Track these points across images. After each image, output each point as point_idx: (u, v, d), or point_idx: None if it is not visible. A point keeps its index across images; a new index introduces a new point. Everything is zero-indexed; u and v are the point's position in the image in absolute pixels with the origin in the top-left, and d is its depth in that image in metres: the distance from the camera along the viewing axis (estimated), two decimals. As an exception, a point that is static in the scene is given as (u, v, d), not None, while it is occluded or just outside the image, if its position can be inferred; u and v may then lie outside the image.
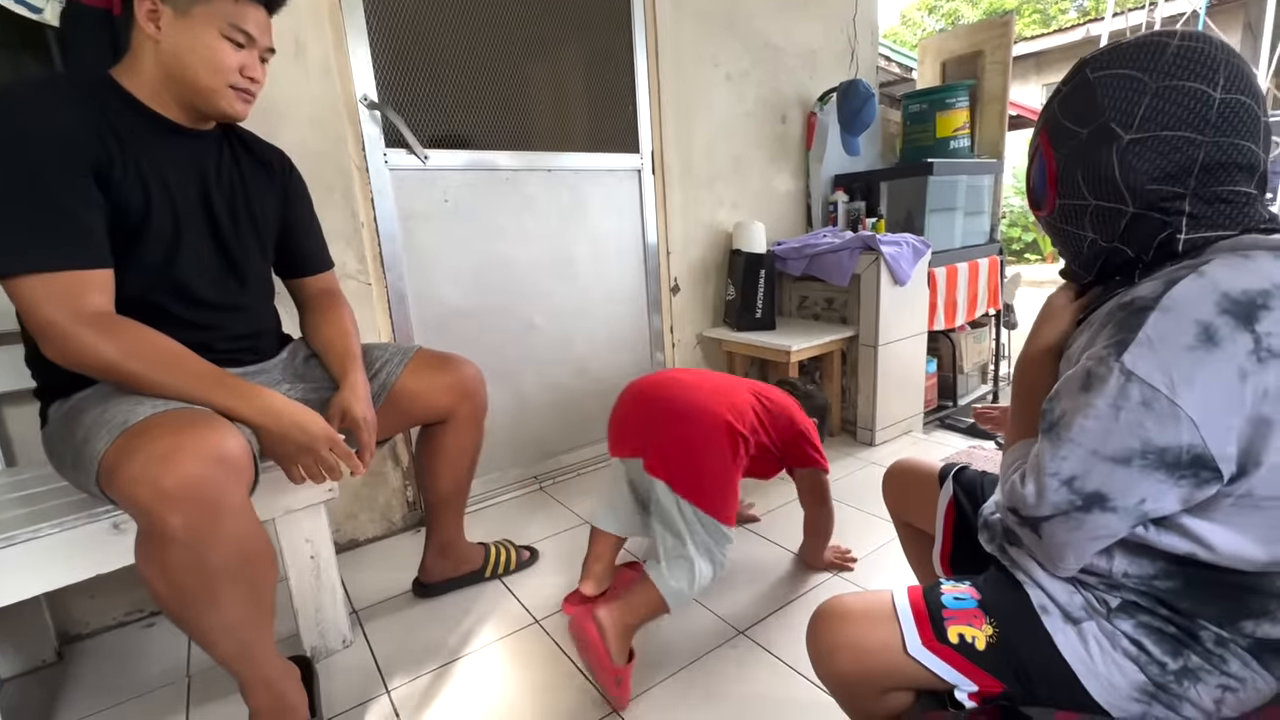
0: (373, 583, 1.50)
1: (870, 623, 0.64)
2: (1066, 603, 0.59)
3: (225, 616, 0.85)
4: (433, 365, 1.27)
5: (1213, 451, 0.48)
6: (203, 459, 0.78)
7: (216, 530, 0.79)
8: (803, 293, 2.38)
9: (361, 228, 1.56)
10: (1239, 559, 0.52)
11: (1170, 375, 0.48)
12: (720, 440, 1.16)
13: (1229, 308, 0.48)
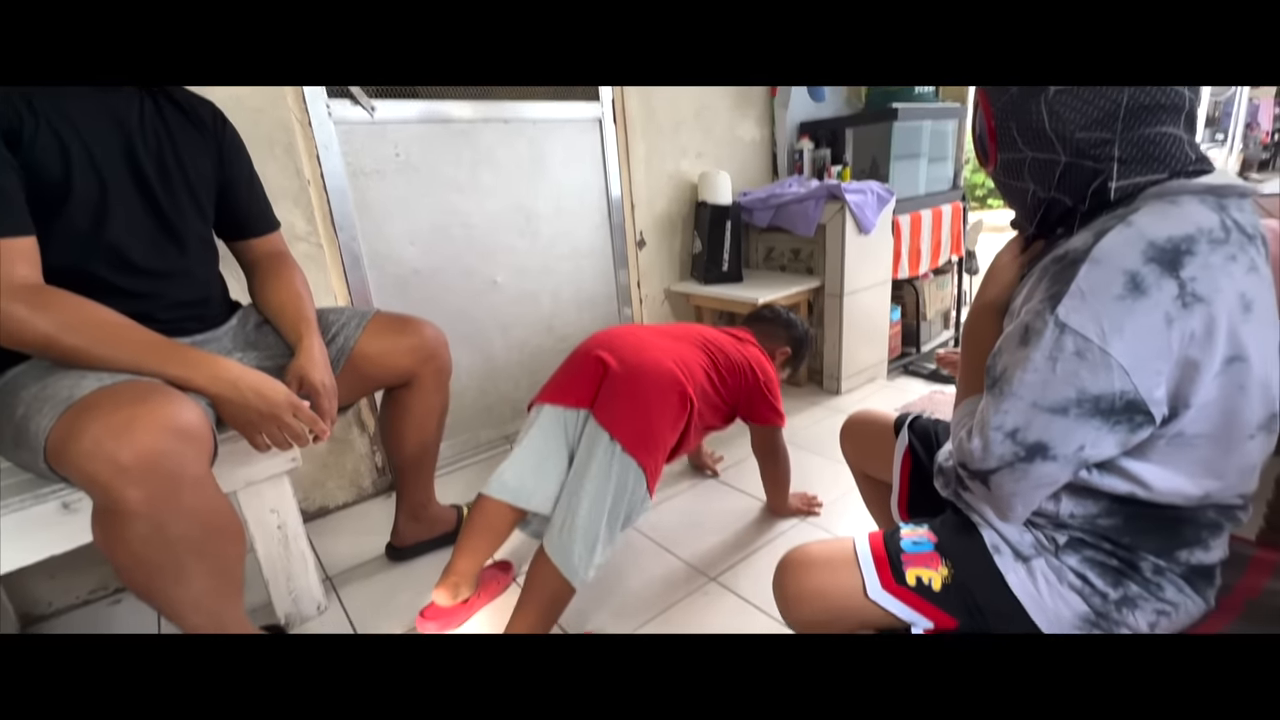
0: (345, 549, 1.49)
1: (833, 569, 0.67)
2: (1017, 542, 0.62)
3: (193, 589, 0.84)
4: (392, 328, 1.24)
5: (1144, 396, 0.50)
6: (159, 431, 0.75)
7: (177, 503, 0.77)
8: (769, 244, 2.37)
9: (308, 186, 1.48)
10: (1175, 495, 0.55)
11: (1101, 325, 0.50)
12: (671, 400, 1.13)
13: (1154, 256, 0.50)
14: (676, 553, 1.38)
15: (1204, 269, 0.49)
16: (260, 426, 0.94)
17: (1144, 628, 0.58)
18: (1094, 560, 0.59)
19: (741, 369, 1.30)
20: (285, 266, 1.16)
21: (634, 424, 1.08)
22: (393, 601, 1.29)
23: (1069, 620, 0.59)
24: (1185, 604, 0.58)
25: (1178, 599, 0.58)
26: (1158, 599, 0.58)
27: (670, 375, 1.14)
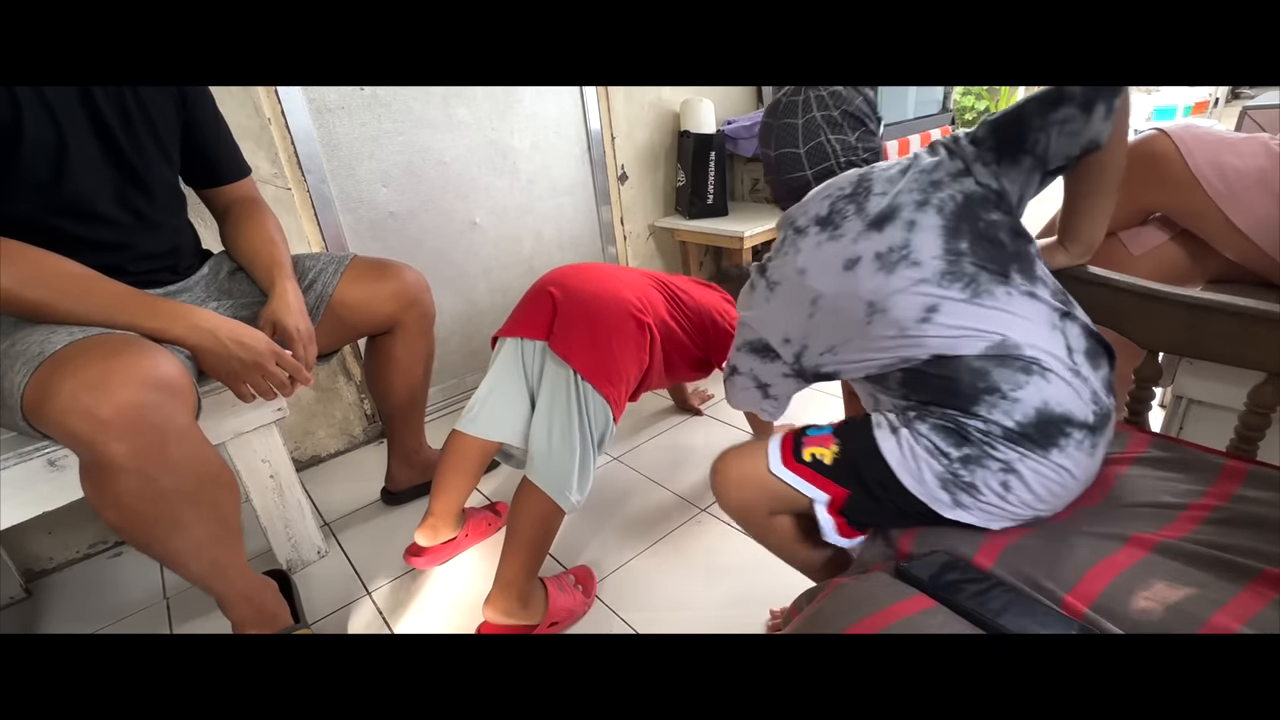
0: (341, 495, 1.51)
1: (749, 457, 0.76)
2: (892, 418, 0.69)
3: (191, 538, 0.85)
4: (371, 273, 1.20)
5: (767, 340, 0.78)
6: (137, 385, 0.74)
7: (165, 455, 0.77)
8: (755, 174, 2.31)
9: (269, 124, 1.40)
10: (877, 367, 0.70)
11: (743, 304, 0.82)
12: (627, 327, 1.10)
13: (757, 265, 0.80)
14: (668, 486, 1.41)
15: (775, 266, 0.76)
16: (244, 376, 0.93)
17: (997, 487, 0.62)
18: (937, 425, 0.65)
19: (705, 311, 1.26)
20: (258, 211, 1.12)
21: (592, 353, 1.07)
22: (391, 543, 1.32)
23: (931, 481, 0.64)
24: (1024, 460, 0.61)
25: (1010, 455, 0.62)
26: (992, 457, 0.62)
27: (624, 303, 1.11)
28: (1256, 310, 0.61)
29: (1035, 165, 0.66)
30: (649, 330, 1.13)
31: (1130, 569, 0.54)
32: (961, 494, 0.63)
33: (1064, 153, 0.65)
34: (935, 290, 0.65)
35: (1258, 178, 0.81)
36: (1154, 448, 0.68)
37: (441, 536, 1.20)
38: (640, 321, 1.11)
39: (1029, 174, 0.67)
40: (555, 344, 1.08)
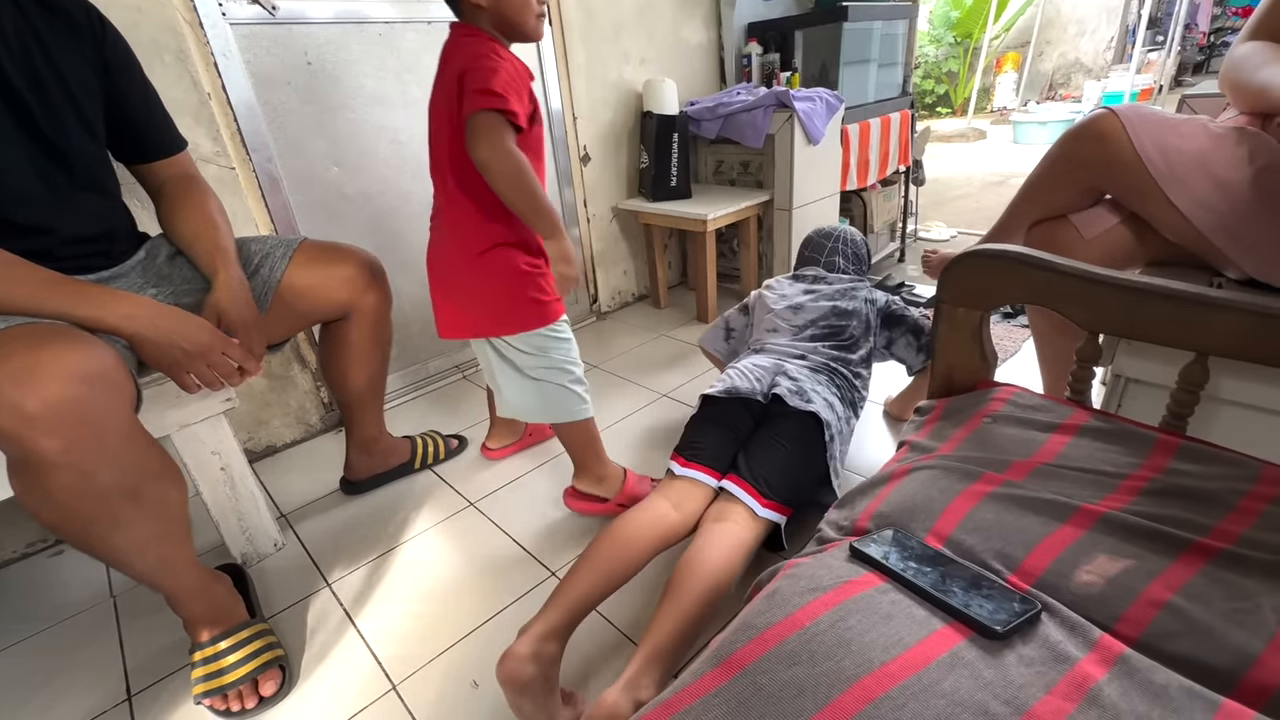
0: (298, 486, 1.47)
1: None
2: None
3: (134, 535, 0.82)
4: (323, 257, 1.16)
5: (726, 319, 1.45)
6: (67, 377, 0.70)
7: (101, 450, 0.73)
8: (719, 157, 2.31)
9: (209, 99, 1.33)
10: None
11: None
12: (477, 267, 1.06)
13: None
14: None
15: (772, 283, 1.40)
16: (186, 366, 0.89)
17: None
18: None
19: (449, 77, 1.00)
20: (196, 190, 1.06)
21: (476, 316, 1.10)
22: (351, 534, 1.29)
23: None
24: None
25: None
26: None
27: (462, 250, 1.06)
28: (1188, 294, 0.64)
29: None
30: (492, 253, 1.06)
31: (1075, 544, 0.56)
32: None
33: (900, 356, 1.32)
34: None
35: (1197, 158, 0.84)
36: (1095, 420, 0.71)
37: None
38: (479, 253, 1.05)
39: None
40: (456, 333, 1.14)
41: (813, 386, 1.13)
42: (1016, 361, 1.74)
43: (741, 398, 1.11)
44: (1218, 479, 0.61)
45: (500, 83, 0.93)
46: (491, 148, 0.94)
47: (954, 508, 0.63)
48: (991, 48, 7.55)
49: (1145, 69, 6.54)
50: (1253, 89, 0.85)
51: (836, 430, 1.11)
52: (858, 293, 1.32)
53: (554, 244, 1.03)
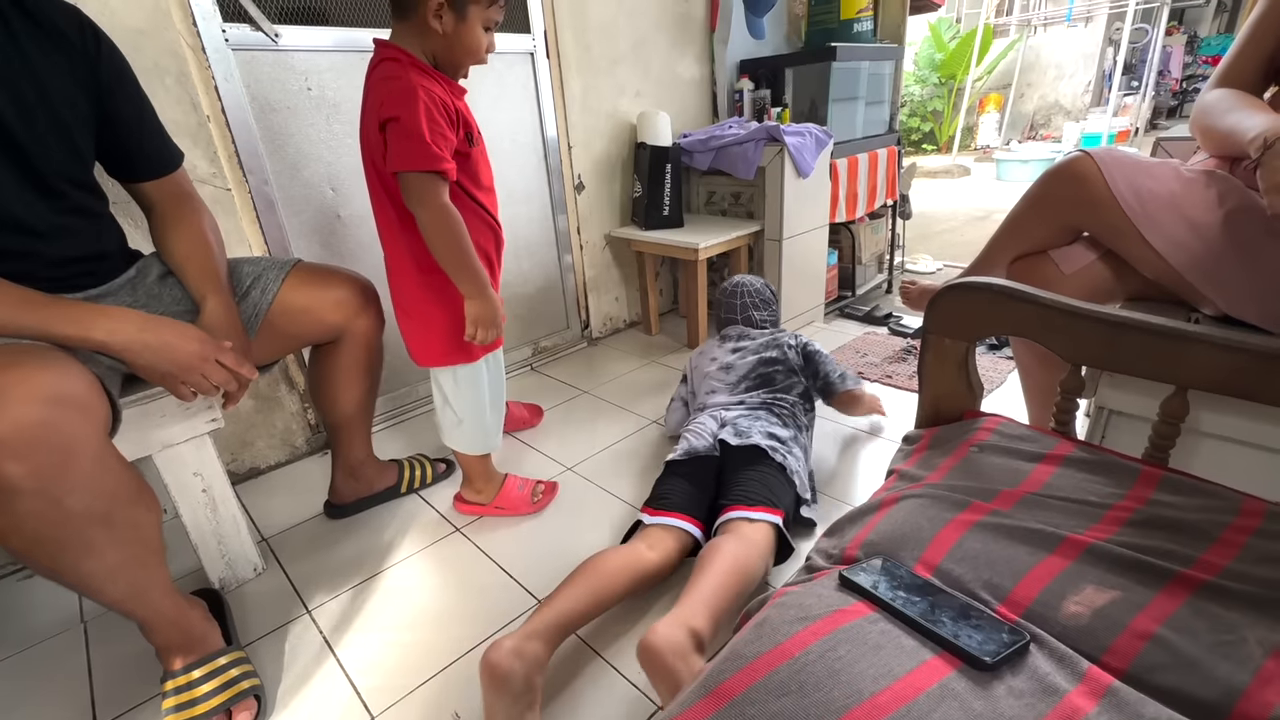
0: (281, 509, 1.45)
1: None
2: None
3: (105, 561, 0.79)
4: (316, 279, 1.16)
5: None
6: (36, 400, 0.69)
7: (70, 475, 0.72)
8: (710, 187, 2.35)
9: (208, 121, 1.35)
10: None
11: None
12: (406, 295, 1.17)
13: None
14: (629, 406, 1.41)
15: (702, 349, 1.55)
16: (180, 377, 0.88)
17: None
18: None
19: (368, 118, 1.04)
20: (190, 210, 1.04)
21: (414, 345, 1.22)
22: (333, 560, 1.27)
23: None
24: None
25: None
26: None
27: (395, 290, 1.19)
28: (1164, 328, 0.65)
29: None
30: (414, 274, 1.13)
31: (1062, 574, 0.56)
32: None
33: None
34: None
35: (1169, 200, 0.87)
36: (1079, 450, 0.72)
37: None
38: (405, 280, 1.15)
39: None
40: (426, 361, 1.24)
41: (749, 424, 1.25)
42: (1002, 393, 1.76)
43: (699, 455, 1.21)
44: (1200, 511, 0.62)
45: (428, 133, 0.95)
46: (426, 209, 0.99)
47: (942, 537, 0.64)
48: (974, 89, 7.80)
49: (1122, 112, 6.78)
50: (1220, 133, 0.88)
51: (785, 449, 1.21)
52: (779, 340, 1.46)
53: (474, 304, 1.08)
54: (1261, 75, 0.92)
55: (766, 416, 1.28)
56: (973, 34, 7.22)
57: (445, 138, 0.99)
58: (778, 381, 1.39)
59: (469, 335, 1.11)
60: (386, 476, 1.42)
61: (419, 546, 1.29)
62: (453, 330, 1.14)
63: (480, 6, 1.02)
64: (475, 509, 1.38)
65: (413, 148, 0.95)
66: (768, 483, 1.14)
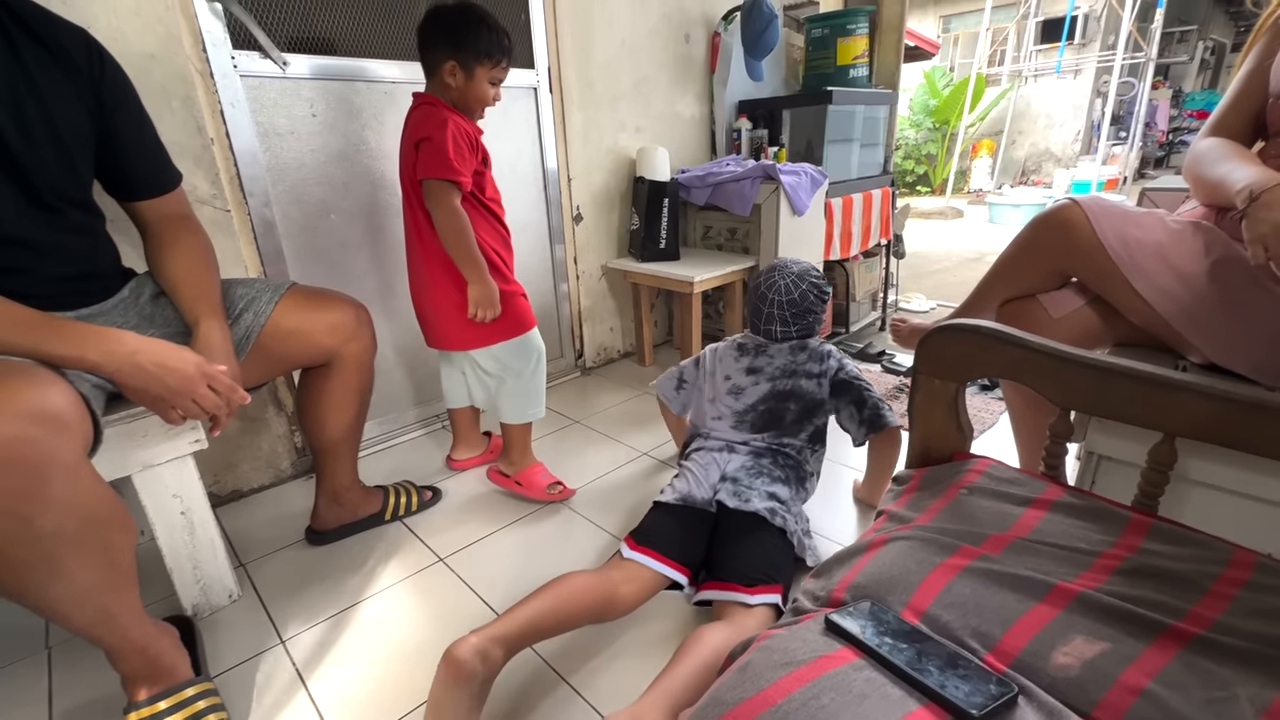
0: (261, 534, 1.42)
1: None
2: None
3: (74, 585, 0.77)
4: (310, 303, 1.16)
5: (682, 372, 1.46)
6: (16, 417, 0.68)
7: (44, 495, 0.70)
8: (707, 222, 2.38)
9: (211, 145, 1.36)
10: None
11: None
12: (435, 274, 1.37)
13: None
14: (620, 437, 1.39)
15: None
16: (171, 401, 0.86)
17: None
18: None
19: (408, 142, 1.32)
20: (186, 232, 1.04)
21: (439, 332, 1.45)
22: (311, 588, 1.24)
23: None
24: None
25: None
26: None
27: (414, 283, 1.45)
28: (1152, 375, 0.66)
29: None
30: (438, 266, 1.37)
31: (1051, 624, 0.55)
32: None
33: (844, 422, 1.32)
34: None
35: (1155, 249, 0.89)
36: (1069, 496, 0.72)
37: (473, 451, 1.68)
38: (433, 278, 1.38)
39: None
40: (433, 343, 1.50)
41: (750, 482, 1.17)
42: (993, 434, 1.76)
43: (694, 508, 1.15)
44: (1189, 561, 0.61)
45: (451, 153, 1.23)
46: (440, 208, 1.27)
47: (931, 581, 0.62)
48: (967, 134, 8.01)
49: (1110, 161, 6.96)
50: (1210, 182, 0.90)
51: (784, 510, 1.15)
52: (798, 368, 1.30)
53: (474, 288, 1.33)
54: (1249, 128, 0.95)
55: (770, 469, 1.21)
56: (965, 82, 7.45)
57: (465, 159, 1.26)
58: (786, 423, 1.27)
59: (471, 314, 1.35)
60: (371, 503, 1.40)
61: (400, 576, 1.26)
62: (505, 309, 1.39)
63: (485, 68, 1.29)
64: (503, 481, 1.54)
65: (437, 161, 1.23)
66: (767, 553, 1.08)
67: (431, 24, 1.27)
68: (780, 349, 1.33)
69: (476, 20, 1.26)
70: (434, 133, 1.23)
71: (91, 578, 0.78)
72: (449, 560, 1.31)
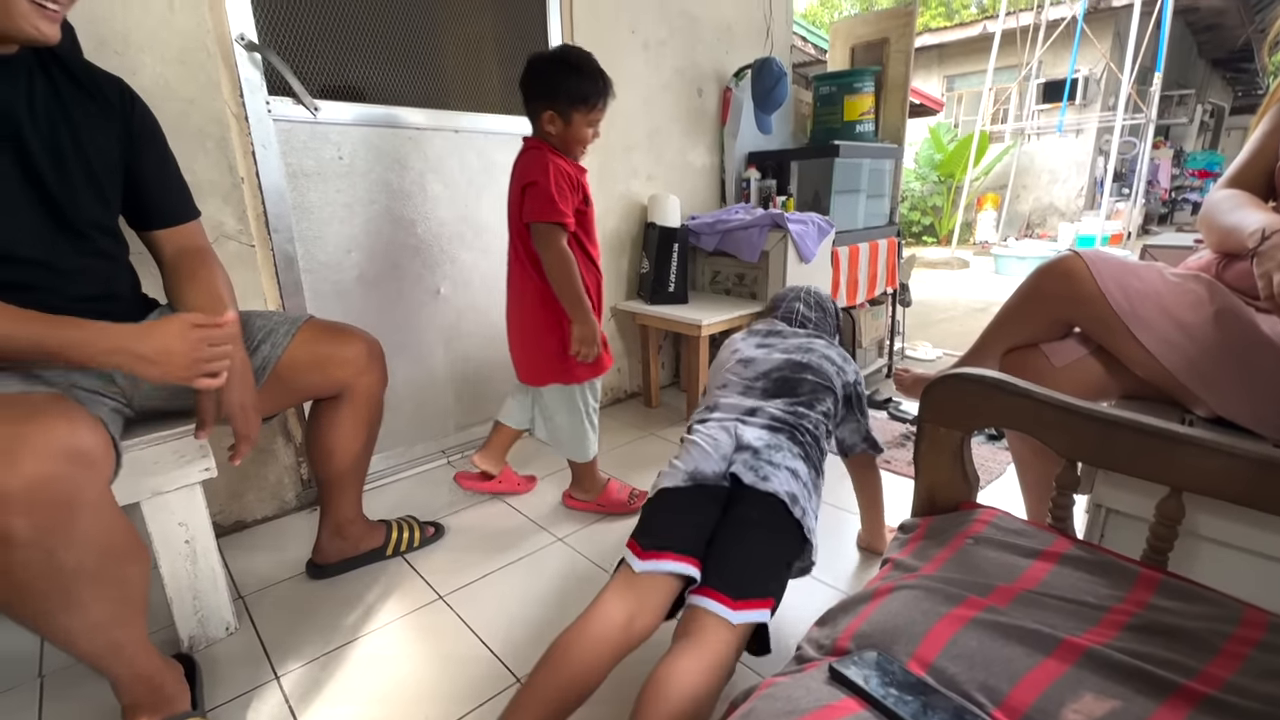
0: (261, 566, 1.41)
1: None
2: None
3: (89, 617, 0.78)
4: (325, 336, 1.19)
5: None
6: (50, 455, 0.70)
7: (70, 530, 0.71)
8: (715, 268, 2.43)
9: (241, 184, 1.42)
10: None
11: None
12: (521, 330, 1.48)
13: None
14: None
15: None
16: (195, 370, 0.87)
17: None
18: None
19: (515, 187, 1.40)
20: (204, 265, 1.07)
21: (521, 363, 1.53)
22: (309, 623, 1.22)
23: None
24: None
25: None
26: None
27: (509, 323, 1.53)
28: (1157, 428, 0.66)
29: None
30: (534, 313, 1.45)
31: (1060, 680, 0.54)
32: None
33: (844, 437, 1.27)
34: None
35: (1156, 300, 0.90)
36: (1077, 549, 0.71)
37: (486, 467, 1.68)
38: (522, 318, 1.49)
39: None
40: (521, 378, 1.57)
41: (770, 457, 1.00)
42: (1000, 485, 1.74)
43: (705, 485, 1.00)
44: (1200, 619, 0.60)
45: (555, 195, 1.31)
46: (548, 250, 1.34)
47: (937, 631, 0.62)
48: (972, 188, 8.17)
49: (1114, 216, 7.05)
50: (1224, 228, 0.92)
51: (805, 497, 1.00)
52: (815, 347, 1.22)
53: (578, 327, 1.39)
54: (1265, 184, 0.98)
55: (788, 445, 1.04)
56: (969, 138, 7.64)
57: (567, 199, 1.34)
58: (802, 392, 1.13)
59: (573, 351, 1.40)
60: (373, 537, 1.39)
61: (399, 613, 1.25)
62: (561, 355, 1.44)
63: (580, 114, 1.36)
64: (582, 505, 1.62)
65: (543, 205, 1.31)
66: (773, 555, 0.95)
67: (529, 76, 1.36)
68: (796, 332, 1.29)
69: (569, 69, 1.33)
70: (539, 177, 1.31)
71: (105, 611, 0.79)
72: (449, 598, 1.29)
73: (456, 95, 1.82)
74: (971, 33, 8.78)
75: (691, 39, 2.36)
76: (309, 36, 1.51)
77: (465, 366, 1.97)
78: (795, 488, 0.98)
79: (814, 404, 1.12)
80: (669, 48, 2.28)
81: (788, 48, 2.79)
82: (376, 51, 1.64)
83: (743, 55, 2.54)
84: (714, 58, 2.45)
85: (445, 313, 1.89)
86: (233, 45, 1.38)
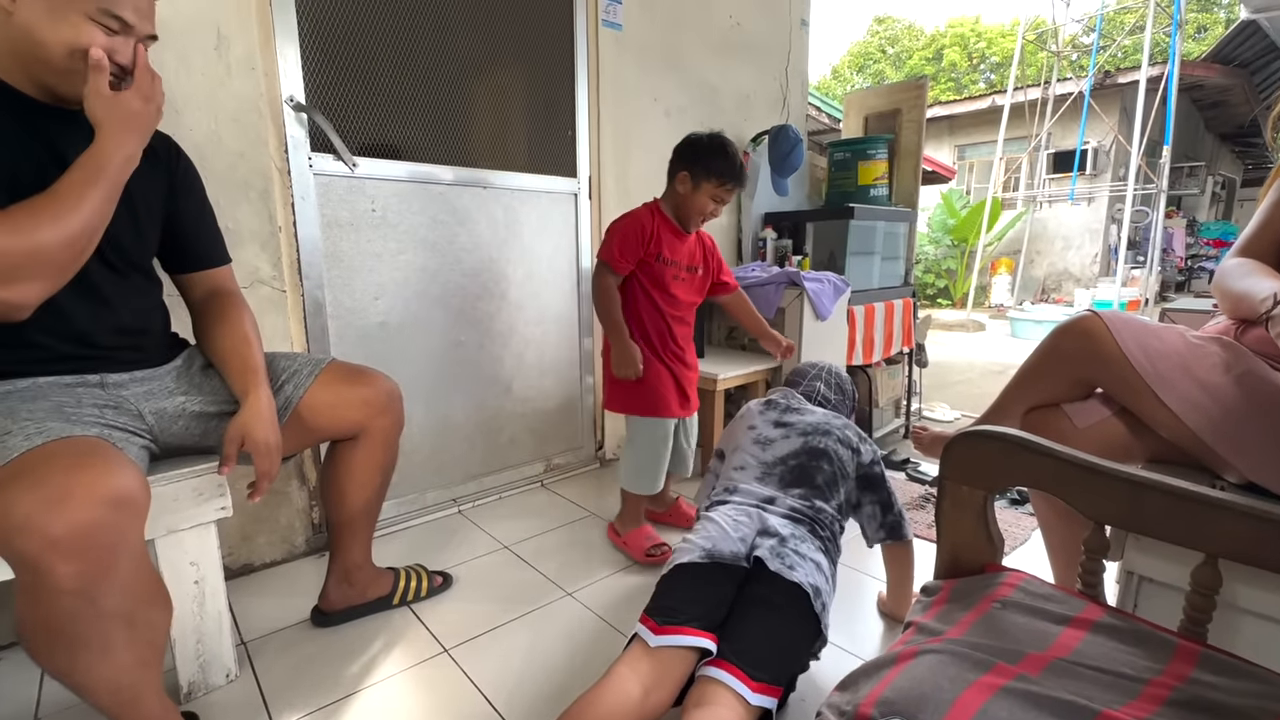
0: (266, 611, 1.39)
1: None
2: None
3: (117, 663, 0.78)
4: (346, 378, 1.21)
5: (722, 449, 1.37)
6: (97, 502, 0.71)
7: (112, 576, 0.73)
8: (731, 323, 2.45)
9: (279, 232, 1.48)
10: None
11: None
12: (605, 342, 1.61)
13: None
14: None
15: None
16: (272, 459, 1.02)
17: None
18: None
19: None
20: (233, 307, 1.12)
21: (607, 395, 1.69)
22: (311, 673, 1.19)
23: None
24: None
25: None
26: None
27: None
28: (1186, 491, 0.65)
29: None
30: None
31: (1098, 758, 0.51)
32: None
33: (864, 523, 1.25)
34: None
35: (1178, 361, 0.90)
36: (1109, 617, 0.68)
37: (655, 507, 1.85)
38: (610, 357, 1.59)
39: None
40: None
41: (795, 546, 1.02)
42: (1026, 550, 1.68)
43: (724, 564, 1.00)
44: (1247, 696, 0.57)
45: (617, 240, 1.52)
46: (593, 281, 1.57)
47: (965, 700, 0.59)
48: (986, 252, 8.25)
49: (1130, 283, 7.06)
50: (1236, 294, 0.93)
51: (826, 594, 1.01)
52: (832, 429, 1.23)
53: (615, 350, 1.55)
54: (1275, 253, 0.99)
55: (810, 538, 1.05)
56: (982, 204, 7.78)
57: (630, 248, 1.51)
58: (818, 482, 1.16)
59: (614, 370, 1.56)
60: (381, 584, 1.37)
61: (402, 666, 1.21)
62: (629, 389, 1.58)
63: (709, 184, 1.51)
64: (615, 538, 1.70)
65: (602, 244, 1.55)
66: (791, 645, 0.95)
67: (682, 144, 1.56)
68: (814, 410, 1.30)
69: (717, 146, 1.52)
70: (617, 223, 1.55)
71: (133, 656, 0.79)
72: (454, 651, 1.25)
73: (486, 154, 1.91)
74: (981, 105, 9.08)
75: (712, 108, 2.47)
76: (351, 99, 1.61)
77: (480, 415, 1.98)
78: (819, 581, 0.99)
79: (830, 496, 1.16)
80: (689, 115, 2.39)
81: (803, 116, 2.91)
82: (414, 113, 1.73)
83: (760, 122, 2.65)
84: (733, 124, 2.56)
85: (464, 361, 1.92)
86: (282, 106, 1.48)
